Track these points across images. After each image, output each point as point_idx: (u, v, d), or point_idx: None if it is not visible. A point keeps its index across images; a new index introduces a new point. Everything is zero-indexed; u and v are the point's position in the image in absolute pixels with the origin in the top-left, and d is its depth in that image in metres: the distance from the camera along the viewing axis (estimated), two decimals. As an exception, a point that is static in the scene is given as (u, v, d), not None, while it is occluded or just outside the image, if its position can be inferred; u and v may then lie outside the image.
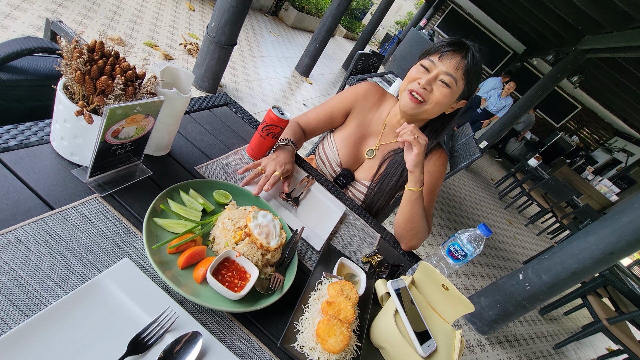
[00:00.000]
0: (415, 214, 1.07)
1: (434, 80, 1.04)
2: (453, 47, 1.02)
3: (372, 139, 1.25)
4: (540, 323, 3.61)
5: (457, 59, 1.02)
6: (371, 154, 1.23)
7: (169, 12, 4.02)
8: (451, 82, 1.02)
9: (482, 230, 0.92)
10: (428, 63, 1.05)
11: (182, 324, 0.55)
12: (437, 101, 1.05)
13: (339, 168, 1.25)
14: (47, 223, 0.56)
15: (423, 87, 1.03)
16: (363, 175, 1.25)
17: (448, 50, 1.02)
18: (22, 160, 0.62)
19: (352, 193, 1.27)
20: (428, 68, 1.05)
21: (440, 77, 1.03)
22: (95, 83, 0.59)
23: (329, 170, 1.27)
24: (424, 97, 1.05)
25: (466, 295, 2.93)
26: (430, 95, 1.05)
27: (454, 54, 1.02)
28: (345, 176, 1.24)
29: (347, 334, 0.65)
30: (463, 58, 1.02)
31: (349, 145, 1.24)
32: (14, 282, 0.48)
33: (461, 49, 1.02)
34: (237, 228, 0.70)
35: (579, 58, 5.22)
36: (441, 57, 1.03)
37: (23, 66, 0.80)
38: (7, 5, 2.37)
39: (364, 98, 1.24)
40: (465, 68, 1.02)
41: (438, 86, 1.04)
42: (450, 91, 1.04)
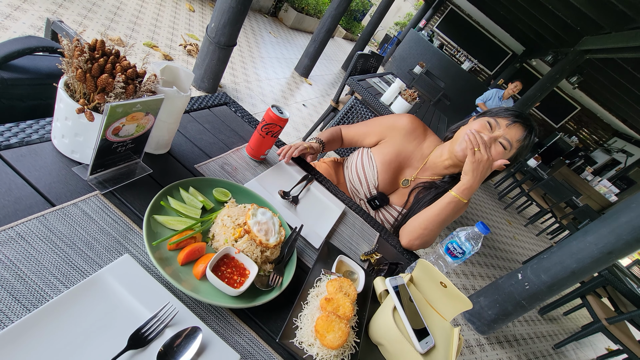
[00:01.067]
0: (439, 218, 1.14)
1: (494, 140, 1.12)
2: (522, 120, 1.11)
3: (410, 170, 1.29)
4: (539, 323, 3.62)
5: (521, 133, 1.10)
6: (406, 183, 1.29)
7: (168, 13, 4.03)
8: (508, 146, 1.11)
9: (480, 228, 0.93)
10: (494, 123, 1.13)
11: (182, 319, 0.55)
12: (494, 157, 1.11)
13: (375, 190, 1.28)
14: (48, 219, 0.57)
15: (484, 142, 1.09)
16: (397, 200, 1.29)
17: (518, 121, 1.11)
18: (23, 158, 0.63)
19: (383, 215, 1.31)
20: (492, 127, 1.13)
21: (500, 139, 1.11)
22: (96, 81, 0.60)
23: (364, 190, 1.30)
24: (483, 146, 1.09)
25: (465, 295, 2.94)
26: (489, 149, 1.11)
27: (520, 127, 1.11)
28: (381, 200, 1.28)
29: (345, 330, 0.65)
30: (528, 133, 1.11)
31: (389, 171, 1.27)
32: (16, 277, 0.48)
33: (528, 126, 1.11)
34: (236, 225, 0.71)
35: (578, 59, 5.24)
36: (509, 125, 1.11)
37: (24, 65, 0.80)
38: (7, 6, 2.38)
39: (405, 130, 1.28)
40: (525, 142, 1.11)
41: (496, 145, 1.12)
42: (504, 152, 1.12)
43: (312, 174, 1.19)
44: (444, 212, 1.13)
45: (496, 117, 1.13)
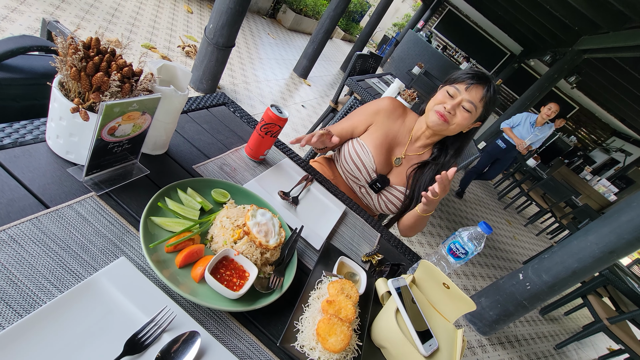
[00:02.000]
0: (418, 225, 1.28)
1: (457, 106, 1.19)
2: (478, 80, 1.17)
3: (399, 148, 1.35)
4: (540, 323, 3.60)
5: (480, 92, 1.17)
6: (398, 162, 1.34)
7: (166, 14, 4.02)
8: (472, 108, 1.18)
9: (482, 228, 0.91)
10: (453, 91, 1.19)
11: (180, 324, 0.54)
12: (459, 123, 1.20)
13: (375, 174, 1.32)
14: (42, 222, 0.55)
15: (448, 111, 1.18)
16: (395, 180, 1.34)
17: (473, 82, 1.17)
18: (17, 159, 0.61)
19: (386, 197, 1.34)
20: (453, 95, 1.19)
21: (463, 103, 1.18)
22: (91, 80, 0.58)
23: (364, 175, 1.33)
24: (448, 119, 1.19)
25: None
26: (454, 118, 1.20)
27: (477, 86, 1.17)
28: (382, 182, 1.31)
29: (348, 333, 0.64)
30: (486, 90, 1.17)
31: (382, 153, 1.32)
32: (8, 282, 0.47)
33: (484, 82, 1.17)
34: (235, 226, 0.69)
35: (576, 58, 5.25)
36: (467, 88, 1.17)
37: (19, 65, 0.79)
38: (4, 8, 2.36)
39: (388, 111, 1.35)
40: (487, 99, 1.18)
41: (461, 110, 1.19)
42: (470, 115, 1.19)
43: (312, 174, 1.18)
44: (422, 221, 1.26)
45: (454, 83, 1.19)
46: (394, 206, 1.34)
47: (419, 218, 1.22)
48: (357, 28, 11.69)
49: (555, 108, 4.32)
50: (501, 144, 4.69)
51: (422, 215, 1.19)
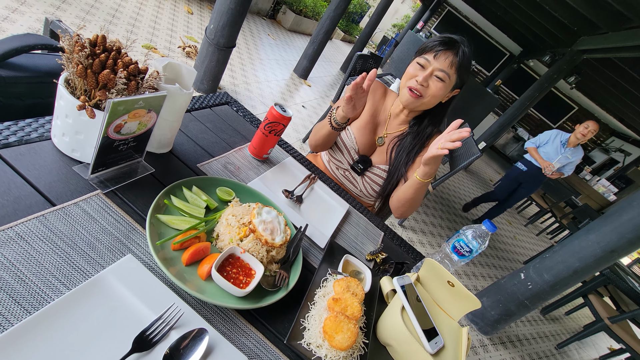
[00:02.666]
0: (417, 198, 1.19)
1: (429, 77, 1.14)
2: (445, 46, 1.11)
3: (381, 128, 1.34)
4: (542, 323, 3.60)
5: (450, 57, 1.11)
6: (381, 141, 1.33)
7: (167, 15, 4.03)
8: (445, 77, 1.13)
9: (487, 226, 0.91)
10: (423, 61, 1.14)
11: (187, 321, 0.54)
12: (433, 94, 1.15)
13: (357, 155, 1.31)
14: (49, 219, 0.55)
15: (420, 83, 1.14)
16: (378, 160, 1.32)
17: (441, 49, 1.11)
18: (22, 157, 0.61)
19: (370, 179, 1.32)
20: (423, 65, 1.14)
21: (435, 73, 1.13)
22: (97, 77, 0.58)
23: (347, 157, 1.33)
24: (421, 92, 1.15)
25: (468, 296, 2.91)
26: (427, 90, 1.15)
27: (446, 52, 1.11)
28: (364, 162, 1.30)
29: (354, 331, 0.64)
30: (455, 55, 1.11)
31: (365, 134, 1.31)
32: (16, 279, 0.47)
33: (453, 47, 1.12)
34: (241, 224, 0.69)
35: (575, 59, 5.25)
36: (435, 55, 1.12)
37: (23, 63, 0.79)
38: (5, 9, 2.36)
39: (373, 92, 1.34)
40: (458, 64, 1.12)
41: (434, 81, 1.14)
42: (445, 84, 1.14)
43: (315, 172, 1.18)
44: (419, 192, 1.16)
45: (423, 53, 1.15)
46: (377, 185, 1.31)
47: (418, 186, 1.12)
48: (356, 29, 11.71)
49: (593, 127, 3.53)
50: (521, 167, 3.99)
51: (422, 181, 1.09)
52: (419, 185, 1.13)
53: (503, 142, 10.12)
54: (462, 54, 1.11)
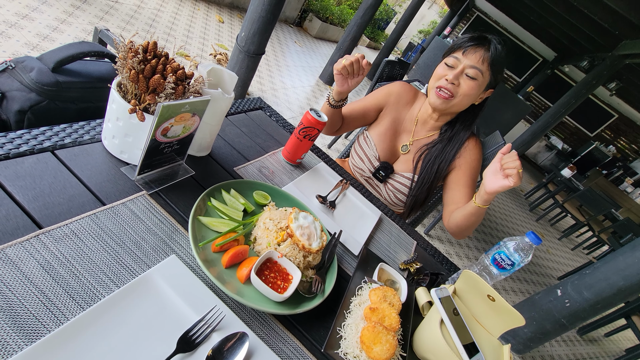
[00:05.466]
0: (476, 222, 1.09)
1: (460, 75, 1.07)
2: (475, 41, 1.05)
3: (406, 135, 1.29)
4: (579, 344, 3.37)
5: (480, 52, 1.05)
6: (405, 149, 1.27)
7: (199, 24, 4.18)
8: (477, 74, 1.06)
9: (531, 238, 0.87)
10: (452, 60, 1.08)
11: (228, 324, 0.54)
12: (465, 93, 1.08)
13: (378, 162, 1.27)
14: (100, 218, 0.57)
15: (451, 82, 1.07)
16: (401, 167, 1.27)
17: (471, 45, 1.05)
18: (76, 157, 0.64)
19: (393, 186, 1.27)
20: (453, 65, 1.08)
21: (466, 70, 1.06)
22: (148, 82, 0.60)
23: (367, 165, 1.29)
24: (452, 91, 1.09)
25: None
26: (458, 89, 1.08)
27: (477, 48, 1.05)
28: (385, 169, 1.25)
29: (393, 343, 0.62)
30: (487, 50, 1.05)
31: (385, 140, 1.27)
32: (71, 275, 0.48)
33: (484, 43, 1.05)
34: (279, 228, 0.69)
35: (616, 64, 4.97)
36: (465, 52, 1.06)
37: (77, 69, 0.84)
38: (55, 20, 2.54)
39: (398, 96, 1.29)
40: (490, 59, 1.05)
41: (465, 79, 1.07)
42: (477, 83, 1.07)
43: (347, 178, 1.17)
44: (479, 217, 1.05)
45: (452, 53, 1.09)
46: (401, 194, 1.25)
47: (476, 212, 1.01)
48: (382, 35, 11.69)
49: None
50: None
51: (480, 207, 0.98)
52: (479, 212, 1.02)
53: (535, 150, 9.69)
54: (494, 49, 1.04)
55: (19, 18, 2.32)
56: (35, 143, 0.62)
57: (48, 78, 0.76)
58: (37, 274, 0.47)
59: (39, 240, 0.50)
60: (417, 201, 1.26)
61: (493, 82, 1.10)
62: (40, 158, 0.60)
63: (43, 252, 0.49)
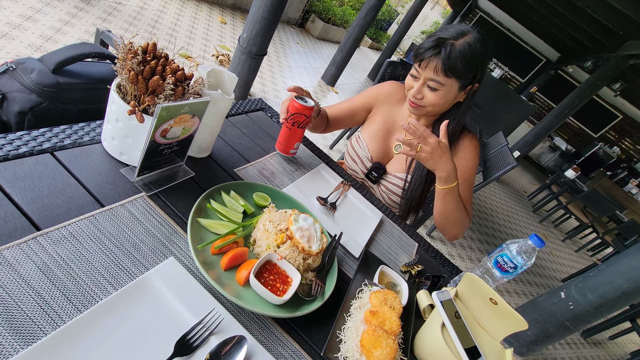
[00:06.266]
0: (448, 209, 1.06)
1: (422, 87, 1.06)
2: (429, 51, 0.99)
3: (398, 134, 1.27)
4: (582, 347, 3.34)
5: (433, 62, 0.99)
6: (399, 148, 1.25)
7: (202, 25, 4.20)
8: (437, 85, 1.03)
9: (534, 241, 0.86)
10: (414, 71, 1.06)
11: (226, 327, 0.53)
12: (433, 103, 1.07)
13: (370, 163, 1.26)
14: (98, 220, 0.57)
15: (414, 96, 1.07)
16: (394, 168, 1.25)
17: (425, 56, 1.00)
18: (75, 159, 0.64)
19: (386, 187, 1.25)
20: (416, 76, 1.07)
21: (427, 82, 1.04)
22: (148, 83, 0.60)
23: (360, 166, 1.28)
24: (418, 104, 1.09)
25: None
26: (424, 101, 1.08)
27: (430, 58, 0.99)
28: (377, 169, 1.24)
29: (393, 347, 0.61)
30: (439, 60, 0.98)
31: (377, 141, 1.26)
32: (68, 277, 0.48)
33: (435, 50, 0.98)
34: (278, 230, 0.69)
35: (621, 64, 4.94)
36: (420, 64, 1.02)
37: (77, 70, 0.84)
38: (58, 21, 2.55)
39: (388, 95, 1.28)
40: (444, 68, 0.98)
41: (427, 91, 1.06)
42: (441, 92, 1.04)
43: (348, 180, 1.16)
44: (447, 201, 1.04)
45: (414, 61, 1.05)
46: (395, 195, 1.23)
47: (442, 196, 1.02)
48: (384, 36, 11.67)
49: None
50: None
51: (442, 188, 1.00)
52: (442, 195, 1.03)
53: (538, 151, 9.65)
54: (445, 56, 0.96)
55: (23, 20, 2.33)
56: (34, 144, 0.62)
57: (49, 79, 0.76)
58: (35, 276, 0.46)
59: (37, 243, 0.49)
60: (411, 203, 1.23)
61: (467, 81, 1.04)
62: (39, 159, 0.60)
63: (41, 254, 0.49)
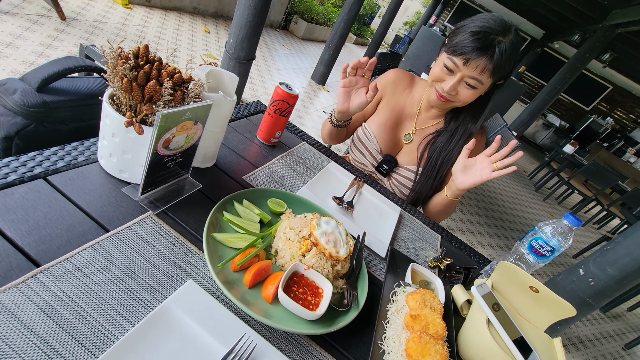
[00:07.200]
0: (448, 211, 1.17)
1: (458, 84, 1.00)
2: (479, 52, 0.92)
3: (408, 123, 1.21)
4: (603, 321, 3.31)
5: (483, 63, 0.93)
6: (409, 138, 1.20)
7: (186, 36, 4.13)
8: (476, 84, 0.98)
9: (569, 220, 0.80)
10: (451, 64, 0.98)
11: (260, 353, 0.47)
12: (464, 100, 1.03)
13: (380, 155, 1.20)
14: (104, 247, 0.51)
15: (447, 92, 1.01)
16: (405, 160, 1.20)
17: (473, 57, 0.93)
18: (72, 182, 0.58)
19: (397, 180, 1.20)
20: (451, 69, 0.99)
21: (465, 79, 0.99)
22: (143, 90, 0.54)
23: (369, 159, 1.22)
24: (449, 99, 1.04)
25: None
26: (456, 97, 1.03)
27: (479, 59, 0.93)
28: (388, 162, 1.18)
29: (443, 353, 0.55)
30: (489, 60, 0.93)
31: (386, 131, 1.19)
32: (77, 317, 0.42)
33: (487, 50, 0.92)
34: (301, 238, 0.63)
35: (608, 34, 4.92)
36: (466, 62, 0.95)
37: (64, 87, 0.78)
38: (40, 45, 2.48)
39: (394, 84, 1.22)
40: (493, 68, 0.94)
41: (463, 88, 1.00)
42: (478, 91, 1.01)
43: (360, 176, 1.11)
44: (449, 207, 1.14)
45: (453, 54, 0.96)
46: (406, 189, 1.19)
47: (447, 203, 1.10)
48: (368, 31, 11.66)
49: None
50: None
51: (452, 200, 1.07)
52: (450, 203, 1.10)
53: (533, 130, 9.66)
54: (498, 57, 0.92)
55: (3, 47, 2.26)
56: (24, 170, 0.56)
57: (34, 99, 0.70)
58: (38, 320, 0.40)
59: (37, 281, 0.43)
60: (420, 195, 1.19)
61: (498, 79, 1.01)
62: (31, 187, 0.54)
63: (43, 293, 0.42)
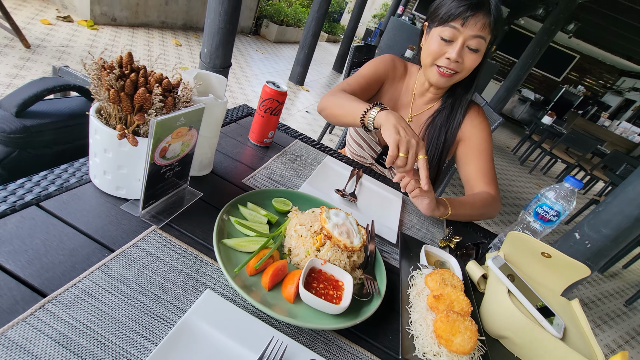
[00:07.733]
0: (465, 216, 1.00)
1: (462, 49, 0.96)
2: (475, 9, 0.92)
3: (403, 111, 1.21)
4: (602, 282, 3.40)
5: (482, 19, 0.92)
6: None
7: (157, 51, 4.04)
8: (480, 44, 0.95)
9: (571, 182, 0.82)
10: (450, 32, 0.95)
11: (292, 354, 0.45)
12: (470, 67, 1.00)
13: (379, 147, 1.19)
14: (112, 267, 0.48)
15: (454, 60, 0.97)
16: None
17: (471, 14, 0.92)
18: (66, 205, 0.55)
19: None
20: (451, 38, 0.96)
21: (467, 42, 0.95)
22: (132, 99, 0.51)
23: (368, 151, 1.21)
24: (456, 70, 0.99)
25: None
26: (462, 65, 0.99)
27: (477, 15, 0.92)
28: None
29: (473, 329, 0.55)
30: (487, 14, 0.92)
31: None
32: (94, 343, 0.39)
33: (483, 6, 0.92)
34: (313, 233, 0.61)
35: (570, 5, 5.08)
36: (464, 22, 0.93)
37: (44, 110, 0.73)
38: (6, 76, 2.38)
39: (393, 70, 1.19)
40: (493, 20, 0.94)
41: (467, 53, 0.97)
42: (480, 53, 0.98)
43: (358, 167, 1.10)
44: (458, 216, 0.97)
45: (447, 23, 0.94)
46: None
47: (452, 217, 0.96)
48: (339, 27, 11.70)
49: None
50: None
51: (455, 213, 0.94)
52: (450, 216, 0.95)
53: (510, 106, 9.89)
54: (495, 9, 0.92)
55: (-35, 81, 2.16)
56: (15, 199, 0.52)
57: (13, 125, 0.66)
58: (53, 352, 0.37)
59: (46, 311, 0.40)
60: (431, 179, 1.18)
61: (493, 40, 1.00)
62: (24, 215, 0.51)
63: (54, 324, 0.40)
